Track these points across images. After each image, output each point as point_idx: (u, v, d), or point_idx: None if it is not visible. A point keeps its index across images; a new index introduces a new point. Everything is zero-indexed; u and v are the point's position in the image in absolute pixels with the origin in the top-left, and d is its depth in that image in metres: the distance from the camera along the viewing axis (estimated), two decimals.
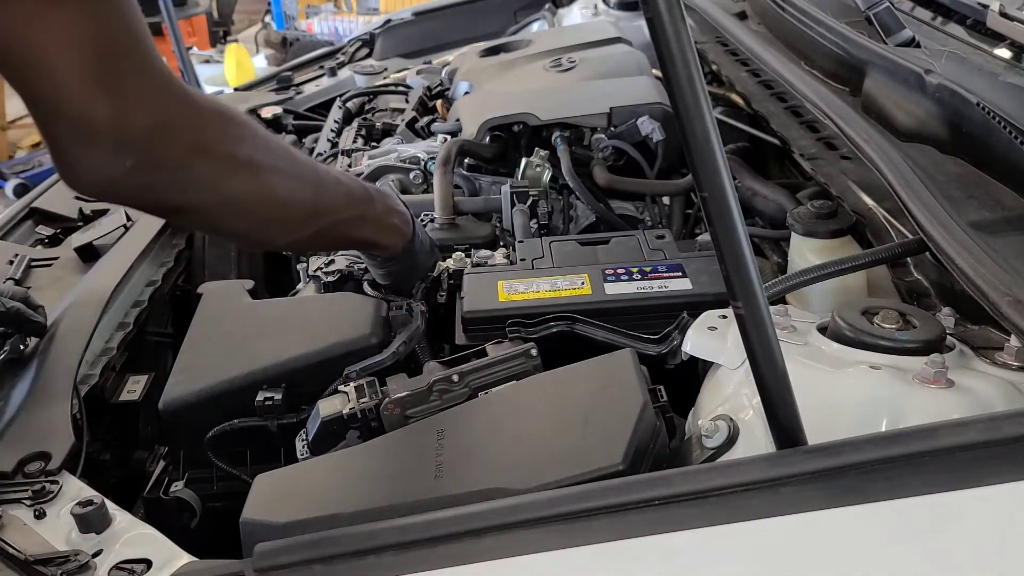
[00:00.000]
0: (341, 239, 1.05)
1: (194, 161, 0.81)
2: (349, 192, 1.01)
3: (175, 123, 0.78)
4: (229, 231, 0.95)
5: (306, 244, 1.07)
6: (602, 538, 0.63)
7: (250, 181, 0.87)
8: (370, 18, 5.16)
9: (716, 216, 0.61)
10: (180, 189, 0.82)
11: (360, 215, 1.02)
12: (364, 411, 0.92)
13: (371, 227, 1.04)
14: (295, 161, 0.94)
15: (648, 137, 1.46)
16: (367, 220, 1.03)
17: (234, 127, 0.85)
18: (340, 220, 0.99)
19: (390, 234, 1.07)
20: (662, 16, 0.57)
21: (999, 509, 0.62)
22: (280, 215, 0.92)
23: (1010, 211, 0.94)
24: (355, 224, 1.01)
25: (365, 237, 1.05)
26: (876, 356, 0.81)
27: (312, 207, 0.95)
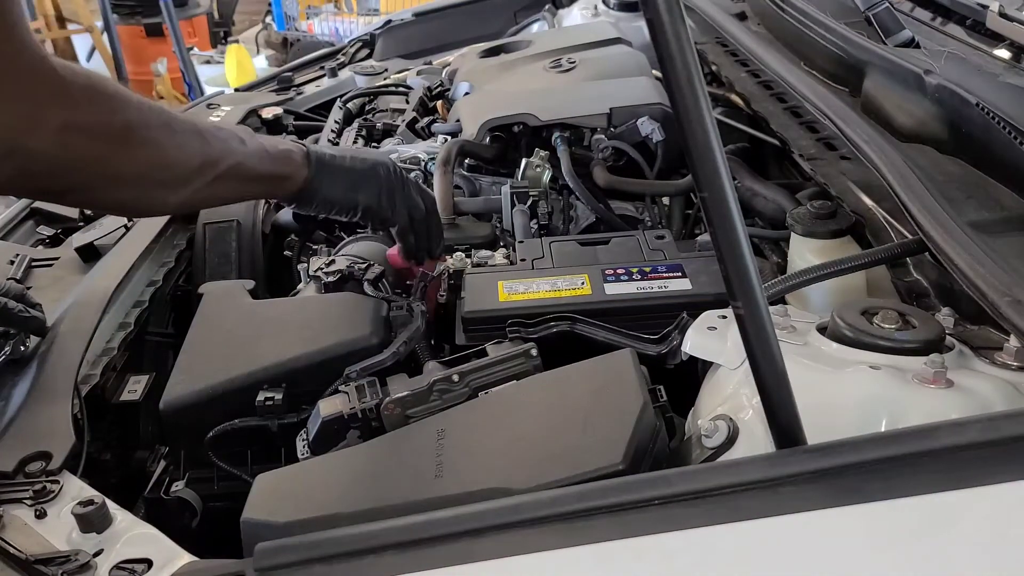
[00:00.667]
0: (240, 180, 0.99)
1: (68, 142, 0.78)
2: (235, 134, 0.99)
3: (40, 105, 0.75)
4: (116, 203, 0.92)
5: (203, 198, 0.99)
6: (602, 538, 0.63)
7: (132, 151, 0.85)
8: (371, 19, 5.16)
9: (716, 216, 0.61)
10: (60, 173, 0.80)
11: (253, 151, 0.99)
12: (364, 411, 0.92)
13: (267, 162, 1.01)
14: (174, 120, 0.91)
15: (648, 137, 1.46)
16: (261, 155, 1.00)
17: (106, 99, 0.82)
18: (235, 163, 0.96)
19: (287, 163, 1.03)
20: (662, 16, 0.57)
21: (998, 509, 0.62)
22: (169, 176, 0.90)
23: (1009, 211, 0.94)
24: (250, 162, 0.98)
25: (264, 172, 1.01)
26: (876, 356, 0.81)
27: (201, 159, 0.92)
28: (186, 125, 0.92)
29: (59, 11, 6.02)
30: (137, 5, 5.95)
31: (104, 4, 5.59)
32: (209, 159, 0.93)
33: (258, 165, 1.00)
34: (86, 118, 0.80)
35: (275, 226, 1.52)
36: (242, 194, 1.07)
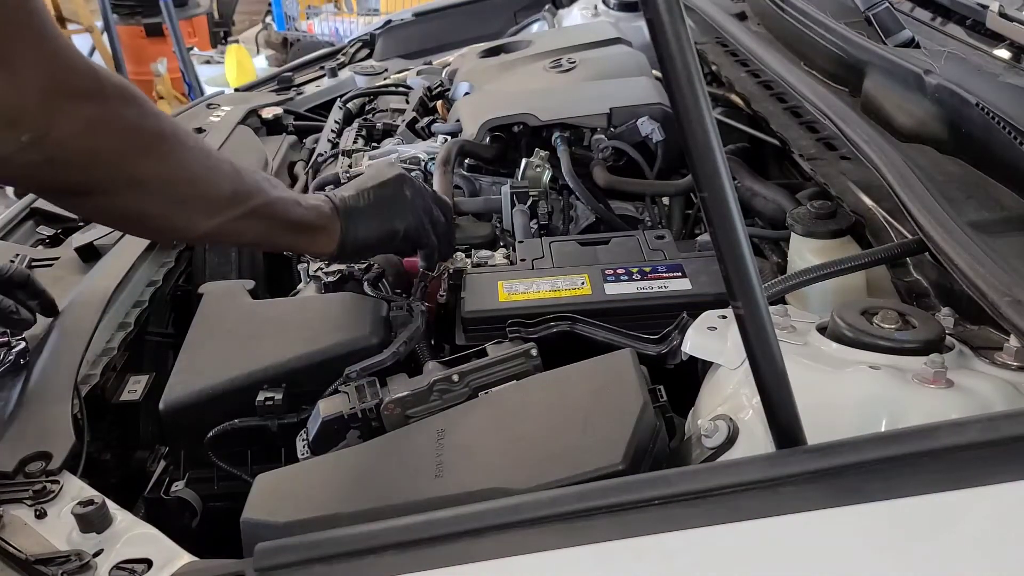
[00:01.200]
0: (275, 222, 0.96)
1: (96, 135, 0.77)
2: (264, 176, 0.97)
3: (74, 95, 0.75)
4: (139, 214, 0.88)
5: (233, 231, 0.95)
6: (602, 538, 0.63)
7: (161, 158, 0.83)
8: (371, 19, 5.16)
9: (716, 216, 0.61)
10: (81, 167, 0.79)
11: (285, 196, 0.97)
12: (364, 411, 0.92)
13: (300, 208, 0.99)
14: (208, 146, 0.91)
15: (648, 137, 1.46)
16: (292, 201, 0.98)
17: (140, 104, 0.82)
18: (267, 201, 0.94)
19: (319, 214, 1.01)
20: (662, 16, 0.57)
21: (998, 509, 0.62)
22: (199, 194, 0.88)
23: (1009, 211, 0.94)
24: (282, 205, 0.96)
25: (297, 218, 0.98)
26: (875, 356, 0.81)
27: (233, 188, 0.90)
28: (220, 155, 0.92)
29: (59, 11, 6.01)
30: (137, 5, 5.95)
31: (104, 4, 5.59)
32: (242, 191, 0.91)
33: (290, 210, 0.98)
34: (117, 116, 0.79)
35: None
36: (274, 240, 1.02)
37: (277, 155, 1.80)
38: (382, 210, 1.07)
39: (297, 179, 1.75)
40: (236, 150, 1.72)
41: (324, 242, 1.03)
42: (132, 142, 0.81)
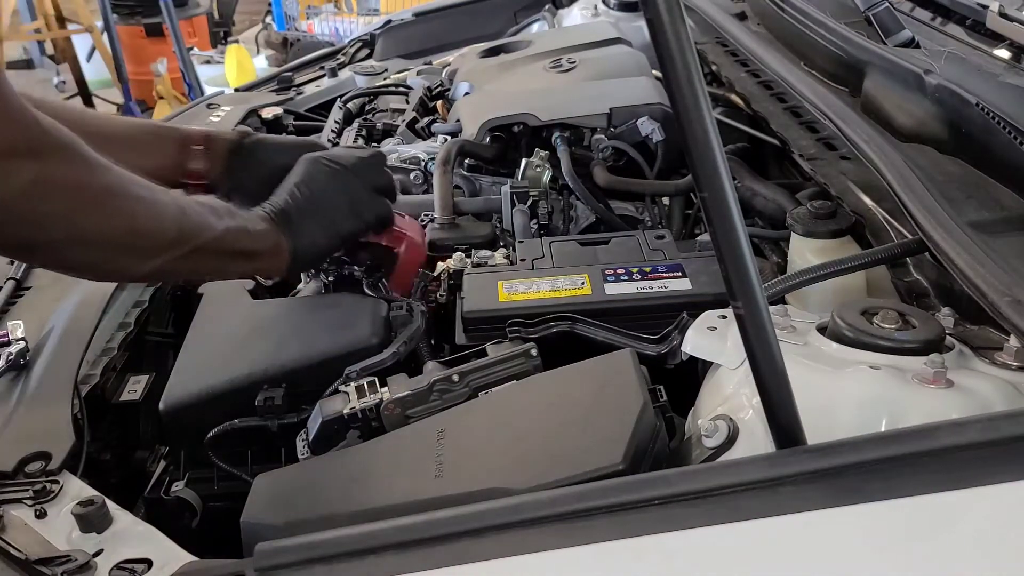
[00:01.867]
0: (223, 255, 0.96)
1: (39, 196, 0.76)
2: (212, 208, 0.95)
3: (15, 155, 0.74)
4: (83, 264, 0.89)
5: (178, 269, 0.97)
6: (602, 538, 0.63)
7: (105, 213, 0.83)
8: (371, 19, 5.16)
9: (716, 216, 0.61)
10: (26, 224, 0.78)
11: (231, 229, 0.96)
12: (364, 411, 0.92)
13: (247, 239, 0.98)
14: (153, 189, 0.89)
15: (648, 137, 1.46)
16: (240, 234, 0.97)
17: (84, 160, 0.81)
18: (213, 237, 0.93)
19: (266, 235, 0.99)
20: (662, 16, 0.57)
21: (998, 509, 0.62)
22: (142, 244, 0.88)
23: (1009, 211, 0.94)
24: (231, 238, 0.95)
25: (246, 247, 0.98)
26: (875, 356, 0.81)
27: (177, 230, 0.90)
28: (165, 196, 0.91)
29: (59, 11, 6.02)
30: (137, 5, 5.95)
31: (104, 4, 5.59)
32: (187, 230, 0.90)
33: (236, 241, 0.96)
34: (61, 174, 0.78)
35: None
36: (224, 270, 1.04)
37: None
38: (316, 205, 1.05)
39: None
40: None
41: (274, 262, 1.02)
42: (76, 201, 0.81)
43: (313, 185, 1.06)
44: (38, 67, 7.25)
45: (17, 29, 6.39)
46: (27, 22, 6.52)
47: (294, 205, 1.04)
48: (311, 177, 1.07)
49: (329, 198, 1.06)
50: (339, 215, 1.06)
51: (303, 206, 1.04)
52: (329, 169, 1.09)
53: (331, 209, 1.06)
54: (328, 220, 1.06)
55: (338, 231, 1.07)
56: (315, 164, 1.09)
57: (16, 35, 6.44)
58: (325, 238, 1.05)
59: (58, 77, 6.49)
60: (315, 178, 1.07)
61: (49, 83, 6.64)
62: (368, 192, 1.10)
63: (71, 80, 6.27)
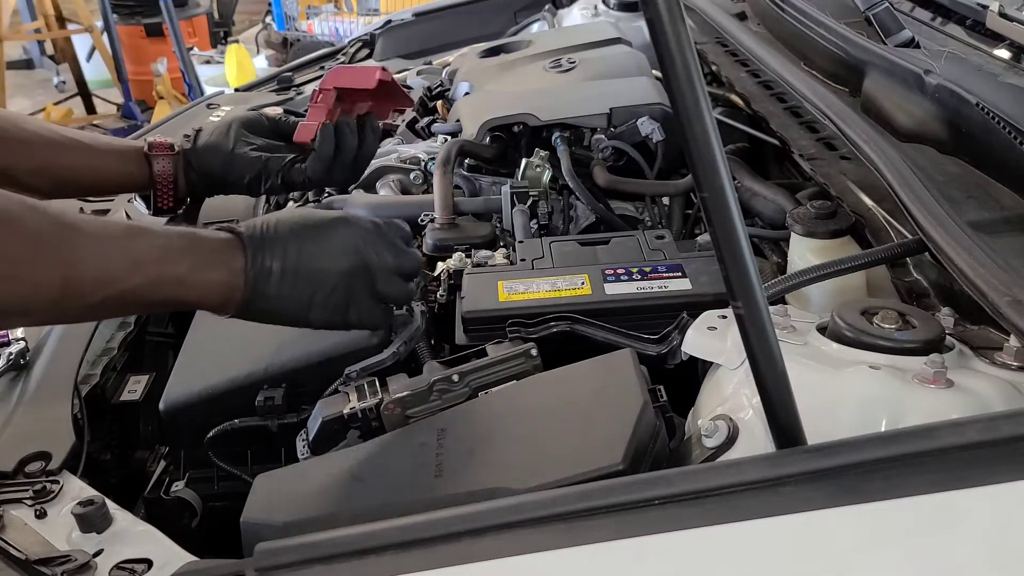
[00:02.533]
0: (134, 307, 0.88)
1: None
2: (133, 256, 0.81)
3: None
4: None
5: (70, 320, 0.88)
6: (602, 537, 0.63)
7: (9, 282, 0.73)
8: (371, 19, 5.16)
9: (716, 216, 0.61)
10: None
11: (153, 280, 0.82)
12: (364, 411, 0.92)
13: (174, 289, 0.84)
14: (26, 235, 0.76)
15: (648, 137, 1.46)
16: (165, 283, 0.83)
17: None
18: (122, 291, 0.80)
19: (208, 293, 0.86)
20: (662, 16, 0.57)
21: (999, 509, 0.62)
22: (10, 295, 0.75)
23: (1009, 211, 0.94)
24: (147, 290, 0.82)
25: (168, 299, 0.85)
26: (875, 356, 0.81)
27: (60, 287, 0.77)
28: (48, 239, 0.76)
29: (59, 11, 6.02)
30: (137, 5, 5.96)
31: (104, 4, 5.59)
32: (72, 290, 0.78)
33: (157, 293, 0.83)
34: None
35: None
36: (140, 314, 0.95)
37: None
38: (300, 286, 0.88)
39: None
40: None
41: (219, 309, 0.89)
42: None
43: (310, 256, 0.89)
44: (38, 67, 7.25)
45: (17, 29, 6.39)
46: (27, 22, 6.52)
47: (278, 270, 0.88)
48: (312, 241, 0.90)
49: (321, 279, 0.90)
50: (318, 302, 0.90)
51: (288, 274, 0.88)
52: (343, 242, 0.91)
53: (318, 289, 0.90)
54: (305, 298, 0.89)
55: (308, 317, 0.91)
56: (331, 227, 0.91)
57: (16, 35, 6.45)
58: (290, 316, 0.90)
59: (58, 77, 6.50)
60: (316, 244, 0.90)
61: (49, 83, 6.65)
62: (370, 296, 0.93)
63: (71, 80, 6.28)
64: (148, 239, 0.84)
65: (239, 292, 0.87)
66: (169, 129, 1.86)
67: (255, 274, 0.87)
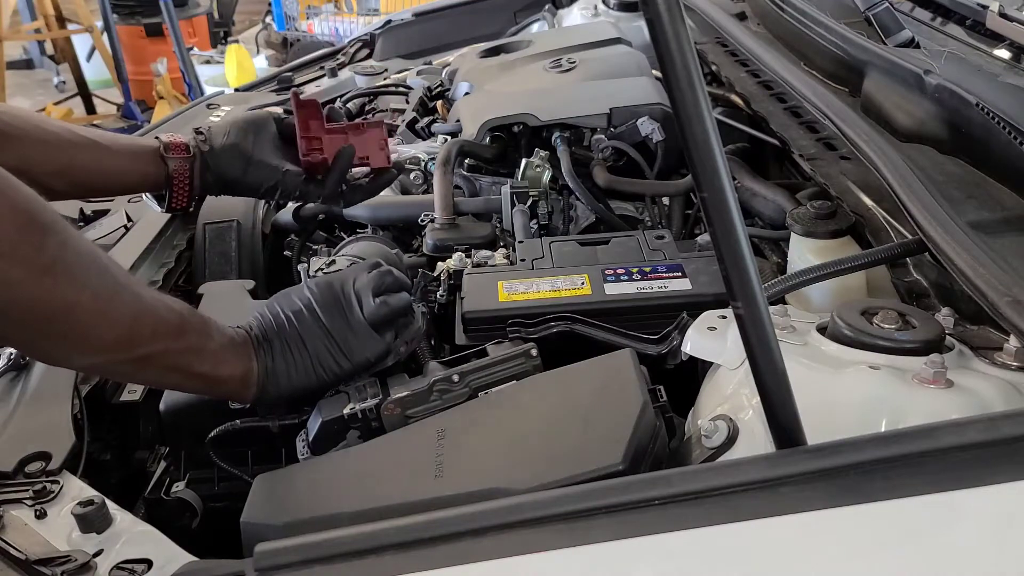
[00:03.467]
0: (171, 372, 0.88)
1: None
2: (183, 318, 0.88)
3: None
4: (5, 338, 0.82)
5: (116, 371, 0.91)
6: (602, 538, 0.63)
7: (41, 292, 0.75)
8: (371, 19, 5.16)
9: (716, 216, 0.61)
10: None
11: (195, 347, 0.88)
12: (364, 411, 0.92)
13: (210, 362, 0.89)
14: (112, 277, 0.82)
15: (648, 138, 1.46)
16: (204, 353, 0.88)
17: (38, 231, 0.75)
18: (170, 349, 0.86)
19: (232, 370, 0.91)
20: (662, 16, 0.57)
21: (999, 509, 0.62)
22: (79, 334, 0.80)
23: (1009, 211, 0.94)
24: (189, 356, 0.87)
25: (203, 372, 0.89)
26: (875, 356, 0.81)
27: (128, 329, 0.82)
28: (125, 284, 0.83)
29: (59, 11, 6.02)
30: (137, 5, 5.96)
31: (104, 4, 5.59)
32: (136, 335, 0.82)
33: (198, 362, 0.88)
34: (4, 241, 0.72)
35: (275, 226, 1.52)
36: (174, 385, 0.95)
37: None
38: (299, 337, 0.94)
39: None
40: None
41: (239, 393, 0.93)
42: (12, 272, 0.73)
43: (299, 313, 0.95)
44: (38, 67, 7.25)
45: (17, 29, 6.39)
46: (27, 22, 6.53)
47: (276, 331, 0.94)
48: (300, 301, 0.96)
49: (314, 331, 0.94)
50: (323, 353, 0.94)
51: (286, 334, 0.94)
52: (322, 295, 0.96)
53: (316, 344, 0.94)
54: (311, 357, 0.94)
55: (320, 372, 0.94)
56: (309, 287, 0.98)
57: (16, 35, 6.45)
58: (303, 377, 0.93)
59: (58, 77, 6.50)
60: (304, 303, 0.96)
61: (49, 83, 6.65)
62: (363, 328, 0.95)
63: (71, 80, 6.28)
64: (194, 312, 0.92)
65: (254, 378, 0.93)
66: (169, 129, 1.86)
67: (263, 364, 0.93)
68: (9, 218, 0.73)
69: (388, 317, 0.96)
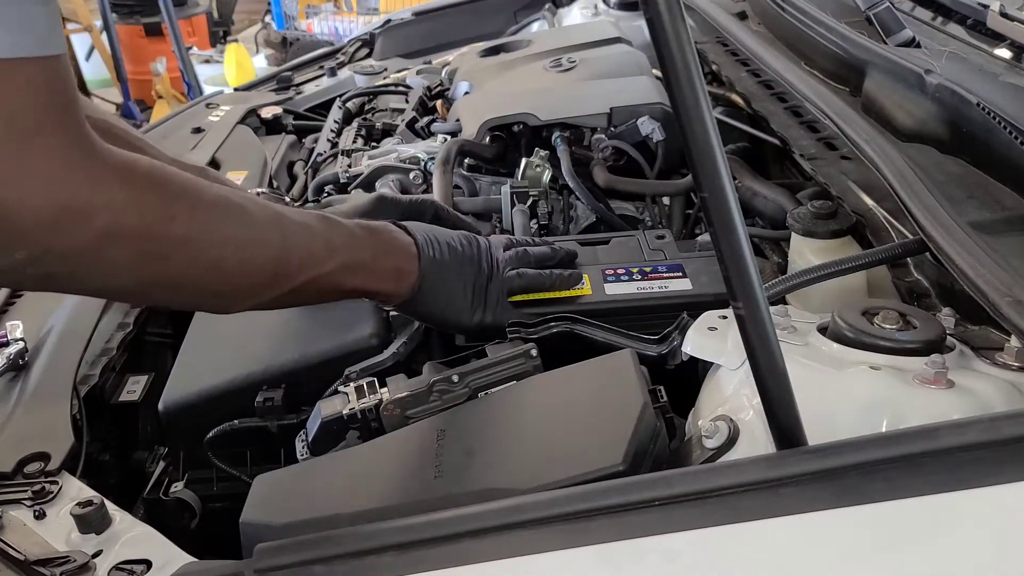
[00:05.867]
0: (324, 293, 0.90)
1: (108, 248, 0.68)
2: (327, 238, 0.88)
3: (86, 207, 0.65)
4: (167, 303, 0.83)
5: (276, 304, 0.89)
6: (602, 539, 0.63)
7: (185, 260, 0.75)
8: (370, 18, 5.16)
9: (716, 216, 0.61)
10: (91, 276, 0.71)
11: (345, 264, 0.89)
12: (364, 411, 0.92)
13: (363, 275, 0.91)
14: (250, 222, 0.80)
15: (648, 137, 1.46)
16: (356, 267, 0.90)
17: (162, 200, 0.72)
18: (319, 275, 0.86)
19: (387, 279, 0.93)
20: (662, 16, 0.57)
21: (1000, 510, 0.62)
22: (232, 285, 0.81)
23: (1010, 211, 0.94)
24: (339, 275, 0.88)
25: (357, 287, 0.91)
26: (876, 356, 0.81)
27: (273, 271, 0.82)
28: (266, 230, 0.81)
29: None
30: (136, 5, 5.96)
31: (103, 4, 5.59)
32: (282, 272, 0.83)
33: (348, 280, 0.90)
34: (131, 222, 0.68)
35: None
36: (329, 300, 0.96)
37: (276, 155, 1.80)
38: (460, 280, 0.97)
39: (296, 179, 1.75)
40: (236, 150, 1.72)
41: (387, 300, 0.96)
42: (151, 251, 0.71)
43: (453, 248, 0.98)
44: None
45: None
46: None
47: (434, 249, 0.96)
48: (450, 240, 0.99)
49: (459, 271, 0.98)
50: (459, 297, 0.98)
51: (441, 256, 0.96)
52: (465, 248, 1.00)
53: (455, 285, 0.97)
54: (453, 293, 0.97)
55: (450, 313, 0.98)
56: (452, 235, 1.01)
57: None
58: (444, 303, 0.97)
59: None
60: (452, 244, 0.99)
61: None
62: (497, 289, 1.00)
63: None
64: (338, 227, 0.90)
65: (413, 277, 0.94)
66: (169, 128, 1.86)
67: (426, 262, 0.95)
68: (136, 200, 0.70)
69: (520, 289, 1.02)
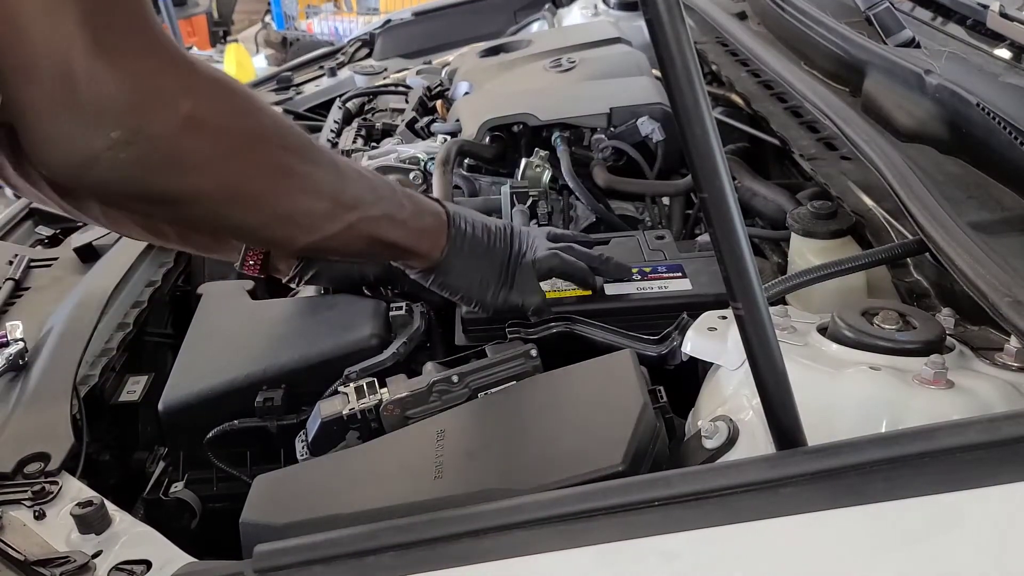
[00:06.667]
0: (369, 241, 0.90)
1: (190, 135, 0.71)
2: (373, 186, 0.90)
3: (169, 89, 0.70)
4: (238, 226, 0.84)
5: (329, 245, 0.89)
6: (602, 539, 0.63)
7: (257, 161, 0.78)
8: (370, 18, 5.16)
9: (716, 216, 0.61)
10: (174, 169, 0.73)
11: (388, 214, 0.90)
12: (364, 412, 0.92)
13: (401, 229, 0.92)
14: (310, 142, 0.84)
15: (648, 137, 1.46)
16: (396, 221, 0.91)
17: (237, 99, 0.76)
18: (367, 217, 0.88)
19: (422, 239, 0.95)
20: (662, 16, 0.57)
21: (999, 510, 0.62)
22: (300, 207, 0.83)
23: (1010, 211, 0.94)
24: (383, 224, 0.90)
25: (396, 240, 0.92)
26: (876, 357, 0.81)
27: (334, 197, 0.85)
28: (323, 154, 0.86)
29: None
30: None
31: None
32: (340, 202, 0.85)
33: (390, 232, 0.91)
34: (211, 113, 0.73)
35: None
36: (369, 254, 0.99)
37: None
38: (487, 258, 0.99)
39: None
40: None
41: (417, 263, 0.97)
42: (226, 144, 0.75)
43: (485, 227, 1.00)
44: None
45: None
46: None
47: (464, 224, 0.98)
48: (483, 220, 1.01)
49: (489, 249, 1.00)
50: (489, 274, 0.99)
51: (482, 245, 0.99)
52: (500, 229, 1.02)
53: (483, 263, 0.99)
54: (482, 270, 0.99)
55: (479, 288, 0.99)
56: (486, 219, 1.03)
57: None
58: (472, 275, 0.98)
59: None
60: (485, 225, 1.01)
61: None
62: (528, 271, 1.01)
63: None
64: (382, 179, 0.94)
65: (443, 241, 0.96)
66: None
67: (456, 229, 0.98)
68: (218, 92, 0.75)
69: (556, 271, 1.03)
